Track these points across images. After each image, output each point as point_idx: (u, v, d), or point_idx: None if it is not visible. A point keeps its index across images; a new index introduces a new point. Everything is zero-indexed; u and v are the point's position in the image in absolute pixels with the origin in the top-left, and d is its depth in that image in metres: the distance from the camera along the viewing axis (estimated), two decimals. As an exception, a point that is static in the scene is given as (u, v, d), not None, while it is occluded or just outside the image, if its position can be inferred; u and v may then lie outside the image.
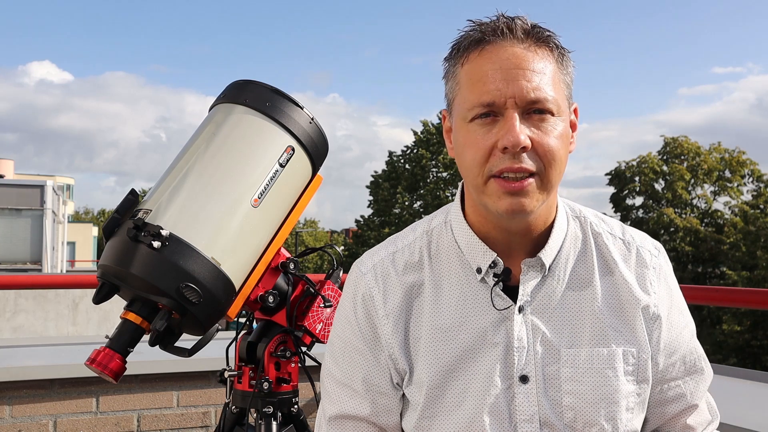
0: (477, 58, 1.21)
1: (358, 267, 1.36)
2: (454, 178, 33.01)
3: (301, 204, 1.99)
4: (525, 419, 1.24)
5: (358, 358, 1.32)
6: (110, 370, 1.75)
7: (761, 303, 3.62)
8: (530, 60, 1.19)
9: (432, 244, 1.34)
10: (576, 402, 1.24)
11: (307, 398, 3.33)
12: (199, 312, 1.74)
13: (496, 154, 1.18)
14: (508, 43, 1.20)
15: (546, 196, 1.22)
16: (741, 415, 2.45)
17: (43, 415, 3.04)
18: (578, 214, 1.36)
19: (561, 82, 1.23)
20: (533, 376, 1.25)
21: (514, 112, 1.17)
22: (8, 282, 4.61)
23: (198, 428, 3.27)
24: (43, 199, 19.52)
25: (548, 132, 1.19)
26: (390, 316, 1.29)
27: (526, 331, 1.26)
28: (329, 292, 2.03)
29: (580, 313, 1.28)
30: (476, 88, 1.19)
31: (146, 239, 1.69)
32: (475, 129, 1.20)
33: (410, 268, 1.32)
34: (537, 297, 1.28)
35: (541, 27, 1.23)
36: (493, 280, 1.27)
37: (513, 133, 1.16)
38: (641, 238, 1.37)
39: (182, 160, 1.86)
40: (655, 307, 1.30)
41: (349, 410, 1.32)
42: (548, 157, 1.19)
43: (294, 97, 1.94)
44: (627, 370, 1.26)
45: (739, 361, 25.99)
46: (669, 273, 1.36)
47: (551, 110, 1.19)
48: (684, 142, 32.55)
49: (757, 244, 28.53)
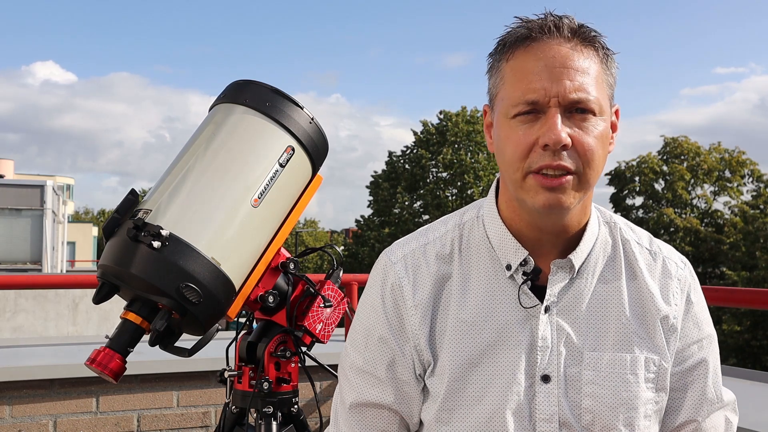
0: (522, 55, 1.21)
1: (388, 256, 1.36)
2: (453, 178, 33.01)
3: (301, 204, 1.99)
4: (544, 418, 1.24)
5: (383, 347, 1.32)
6: (110, 370, 1.75)
7: (761, 303, 3.62)
8: (575, 59, 1.20)
9: (463, 238, 1.34)
10: (595, 405, 1.24)
11: (307, 398, 3.33)
12: (199, 312, 1.74)
13: (537, 151, 1.19)
14: (554, 42, 1.20)
15: (582, 194, 1.23)
16: (741, 415, 2.45)
17: (43, 415, 3.04)
18: (609, 219, 1.36)
19: (604, 83, 1.23)
20: (555, 377, 1.25)
21: (556, 110, 1.18)
22: (8, 282, 4.61)
23: (198, 428, 3.27)
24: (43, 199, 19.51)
25: (589, 131, 1.20)
26: (418, 307, 1.30)
27: (551, 331, 1.26)
28: (329, 292, 2.03)
29: (606, 317, 1.28)
30: (521, 84, 1.20)
31: (146, 239, 1.69)
32: (517, 125, 1.20)
33: (441, 260, 1.33)
34: (564, 298, 1.28)
35: (588, 27, 1.23)
36: (522, 278, 1.28)
37: (555, 131, 1.16)
38: (668, 250, 1.37)
39: (182, 161, 1.86)
40: (674, 318, 1.30)
41: (371, 398, 1.32)
42: (588, 156, 1.19)
43: (294, 97, 1.94)
44: (648, 378, 1.26)
45: (739, 361, 25.98)
46: (694, 287, 1.35)
47: (593, 110, 1.20)
48: (684, 142, 32.54)
49: (757, 244, 28.52)
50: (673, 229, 30.84)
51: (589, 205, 1.31)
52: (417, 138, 34.01)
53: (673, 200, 31.97)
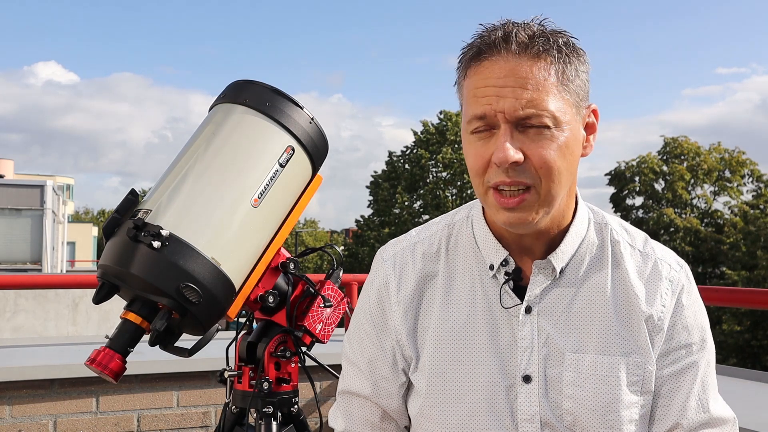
0: (474, 74, 1.22)
1: (381, 254, 1.41)
2: (453, 178, 33.01)
3: (301, 204, 1.99)
4: (526, 419, 1.25)
5: (365, 341, 1.38)
6: (110, 370, 1.74)
7: (761, 303, 3.62)
8: (524, 75, 1.17)
9: (451, 237, 1.37)
10: (576, 407, 1.24)
11: (307, 398, 3.33)
12: (199, 312, 1.74)
13: (492, 167, 1.20)
14: (502, 58, 1.19)
15: (548, 207, 1.22)
16: (741, 415, 2.45)
17: (43, 415, 3.04)
18: (600, 220, 1.35)
19: (563, 92, 1.20)
20: (536, 377, 1.25)
21: (506, 127, 1.18)
22: (8, 282, 4.61)
23: (198, 428, 3.27)
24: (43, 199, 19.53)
25: (544, 145, 1.18)
26: (401, 303, 1.34)
27: (532, 331, 1.27)
28: (329, 292, 2.03)
29: (589, 319, 1.27)
30: (472, 101, 1.22)
31: (146, 239, 1.69)
32: (475, 141, 1.22)
33: (426, 259, 1.36)
34: (546, 299, 1.28)
35: (544, 34, 1.20)
36: (504, 278, 1.29)
37: (501, 150, 1.17)
38: (663, 252, 1.35)
39: (182, 160, 1.86)
40: (660, 319, 1.28)
41: (353, 388, 1.39)
42: (544, 169, 1.18)
43: (294, 97, 1.94)
44: (631, 381, 1.25)
45: (739, 361, 25.98)
46: (688, 290, 1.32)
47: (547, 123, 1.18)
48: (684, 142, 32.54)
49: (757, 244, 28.50)
50: (673, 229, 30.83)
51: (570, 207, 1.30)
52: (417, 138, 34.02)
53: (673, 200, 31.96)
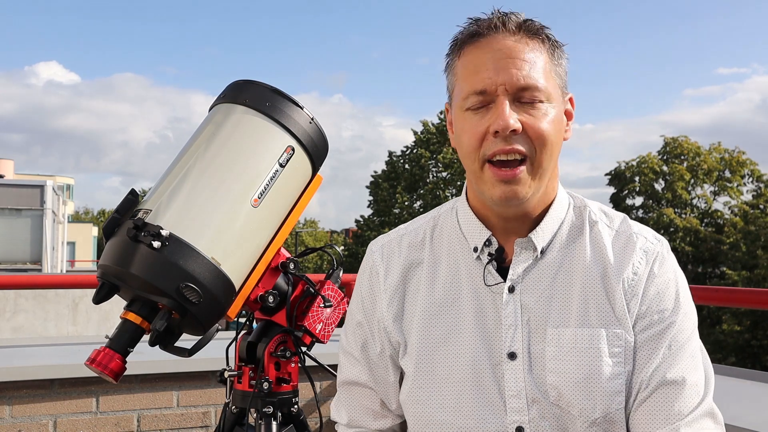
0: (472, 51, 1.29)
1: (371, 246, 1.49)
2: (453, 178, 33.00)
3: (301, 204, 1.99)
4: (513, 395, 1.28)
5: (357, 330, 1.44)
6: (110, 370, 1.74)
7: (761, 303, 3.61)
8: (521, 50, 1.26)
9: (436, 227, 1.44)
10: (559, 381, 1.27)
11: (307, 398, 3.33)
12: (199, 312, 1.74)
13: (489, 138, 1.25)
14: (500, 36, 1.27)
15: (539, 182, 1.28)
16: (741, 415, 2.45)
17: (43, 415, 3.04)
18: (580, 204, 1.41)
19: (552, 72, 1.29)
20: (520, 354, 1.29)
21: (504, 98, 1.24)
22: (8, 282, 4.61)
23: (198, 428, 3.27)
24: (43, 199, 19.53)
25: (539, 117, 1.25)
26: (387, 291, 1.40)
27: (515, 309, 1.31)
28: (329, 292, 2.03)
29: (569, 295, 1.31)
30: (471, 77, 1.27)
31: (146, 239, 1.69)
32: (470, 116, 1.27)
33: (412, 248, 1.43)
34: (528, 277, 1.32)
35: (534, 21, 1.30)
36: (488, 258, 1.34)
37: (503, 117, 1.23)
38: (641, 228, 1.38)
39: (182, 160, 1.86)
40: (633, 284, 1.29)
41: (352, 376, 1.45)
42: (540, 140, 1.25)
43: (294, 97, 1.94)
44: (613, 352, 1.27)
45: (739, 361, 25.99)
46: (662, 260, 1.33)
47: (542, 97, 1.25)
48: (684, 142, 32.53)
49: (757, 243, 28.50)
50: (673, 229, 30.82)
51: (553, 189, 1.35)
52: (417, 138, 34.02)
53: (673, 200, 31.96)
